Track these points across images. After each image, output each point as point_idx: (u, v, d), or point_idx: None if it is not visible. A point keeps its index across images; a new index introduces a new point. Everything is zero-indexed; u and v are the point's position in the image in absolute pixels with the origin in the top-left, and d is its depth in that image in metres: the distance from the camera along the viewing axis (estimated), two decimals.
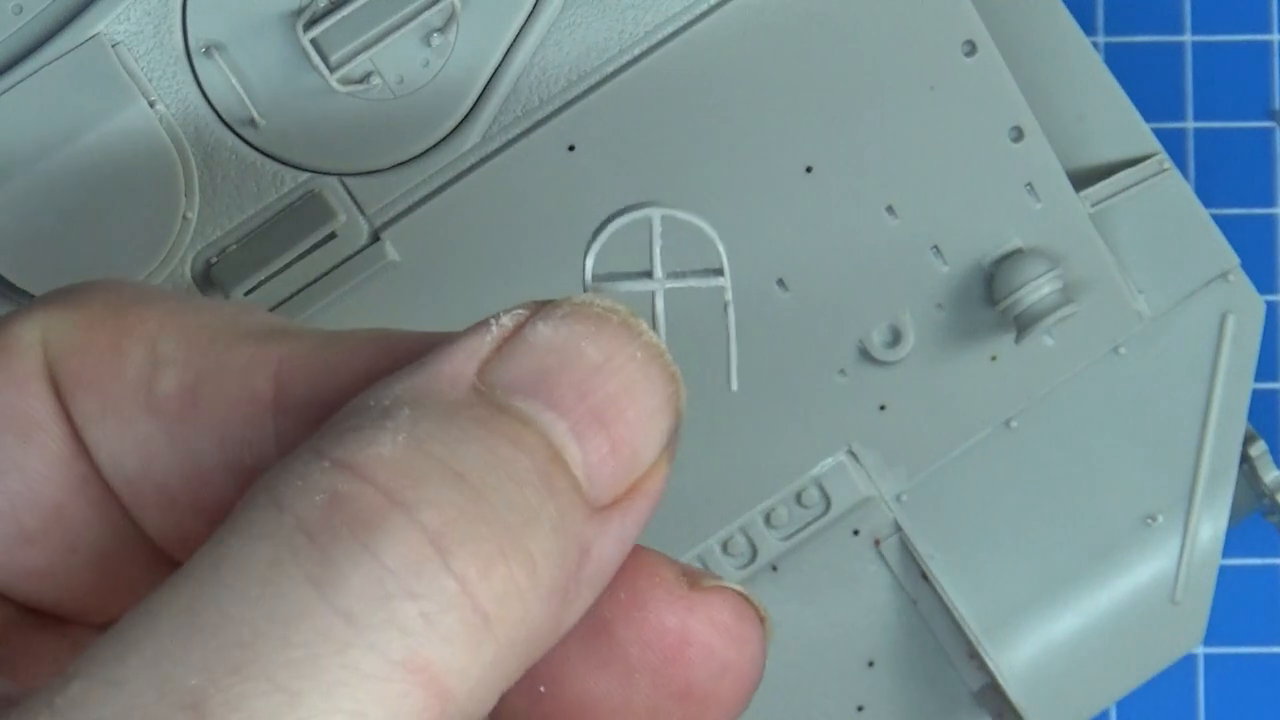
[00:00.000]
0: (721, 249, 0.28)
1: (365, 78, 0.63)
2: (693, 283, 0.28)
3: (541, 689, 0.28)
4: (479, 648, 0.23)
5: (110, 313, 0.27)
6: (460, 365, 0.25)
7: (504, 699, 0.28)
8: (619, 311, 0.26)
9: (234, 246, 0.64)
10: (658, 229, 0.28)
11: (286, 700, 0.22)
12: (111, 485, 0.27)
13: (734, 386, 0.29)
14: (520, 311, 0.26)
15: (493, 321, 0.26)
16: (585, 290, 0.27)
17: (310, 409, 0.26)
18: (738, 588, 0.28)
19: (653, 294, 0.28)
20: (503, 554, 0.24)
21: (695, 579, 0.28)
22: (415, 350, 0.26)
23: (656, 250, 0.28)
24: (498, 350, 0.26)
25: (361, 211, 0.64)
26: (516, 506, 0.24)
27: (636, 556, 0.28)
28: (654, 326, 0.28)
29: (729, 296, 0.29)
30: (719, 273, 0.28)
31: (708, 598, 0.28)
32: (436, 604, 0.23)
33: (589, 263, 0.28)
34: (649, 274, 0.28)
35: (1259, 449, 0.69)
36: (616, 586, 0.27)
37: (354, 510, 0.23)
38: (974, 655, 0.67)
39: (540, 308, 0.26)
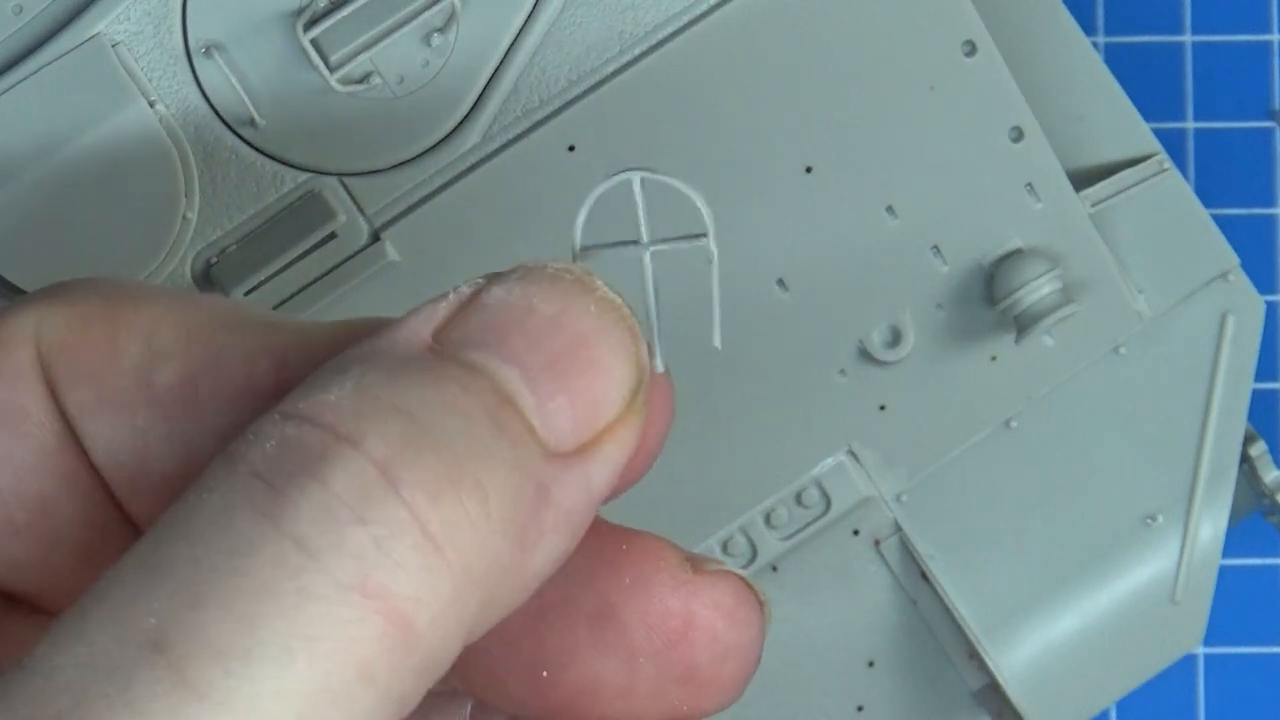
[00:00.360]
0: (705, 207, 0.28)
1: (365, 78, 0.63)
2: (679, 244, 0.29)
3: (545, 674, 0.28)
4: (435, 576, 0.23)
5: (104, 307, 0.27)
6: (415, 328, 0.26)
7: (507, 685, 0.28)
8: (573, 270, 0.26)
9: (234, 246, 0.64)
10: (639, 190, 0.28)
11: (245, 627, 0.22)
12: (106, 477, 0.27)
13: (717, 343, 0.29)
14: (479, 280, 0.27)
15: (451, 291, 0.26)
16: (575, 258, 0.28)
17: None
18: (739, 572, 0.28)
19: (642, 258, 0.29)
20: (451, 481, 0.24)
21: (698, 563, 0.28)
22: None
23: (641, 214, 0.28)
24: (453, 314, 0.26)
25: (361, 211, 0.64)
26: (464, 439, 0.24)
27: (640, 541, 0.28)
28: (646, 289, 0.28)
29: (714, 253, 0.29)
30: (703, 235, 0.29)
31: (711, 581, 0.28)
32: (387, 529, 0.23)
33: (577, 232, 0.28)
34: (636, 240, 0.28)
35: (1259, 449, 0.69)
36: (621, 570, 0.28)
37: (302, 448, 0.24)
38: (974, 655, 0.67)
39: (495, 276, 0.27)
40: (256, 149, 0.63)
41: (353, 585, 0.23)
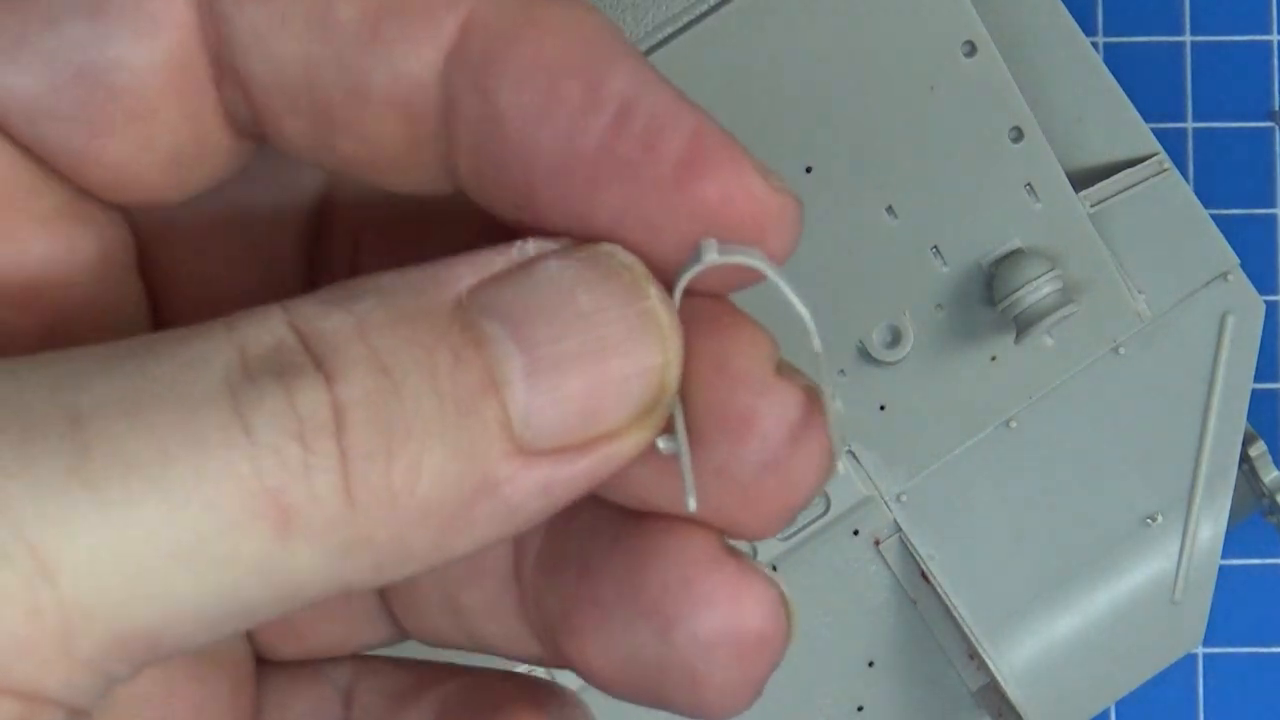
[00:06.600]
0: (810, 322, 0.28)
1: None
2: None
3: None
4: (337, 524, 0.24)
5: None
6: (459, 274, 0.26)
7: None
8: (634, 270, 0.26)
9: None
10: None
11: (160, 459, 0.23)
12: (256, 94, 0.27)
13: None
14: (550, 244, 0.26)
15: (517, 245, 0.26)
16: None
17: (482, 66, 0.26)
18: (809, 388, 0.28)
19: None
20: (389, 453, 0.24)
21: (782, 367, 0.28)
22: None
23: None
24: (503, 274, 0.26)
25: None
26: (425, 415, 0.24)
27: (738, 320, 0.28)
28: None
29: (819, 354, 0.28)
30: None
31: (787, 388, 0.27)
32: (319, 463, 0.24)
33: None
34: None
35: (1259, 449, 0.69)
36: (709, 339, 0.27)
37: (285, 359, 0.24)
38: (974, 655, 0.67)
39: (567, 245, 0.26)
40: None
41: (269, 488, 0.23)
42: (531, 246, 0.26)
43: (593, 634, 0.28)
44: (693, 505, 0.27)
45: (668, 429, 0.27)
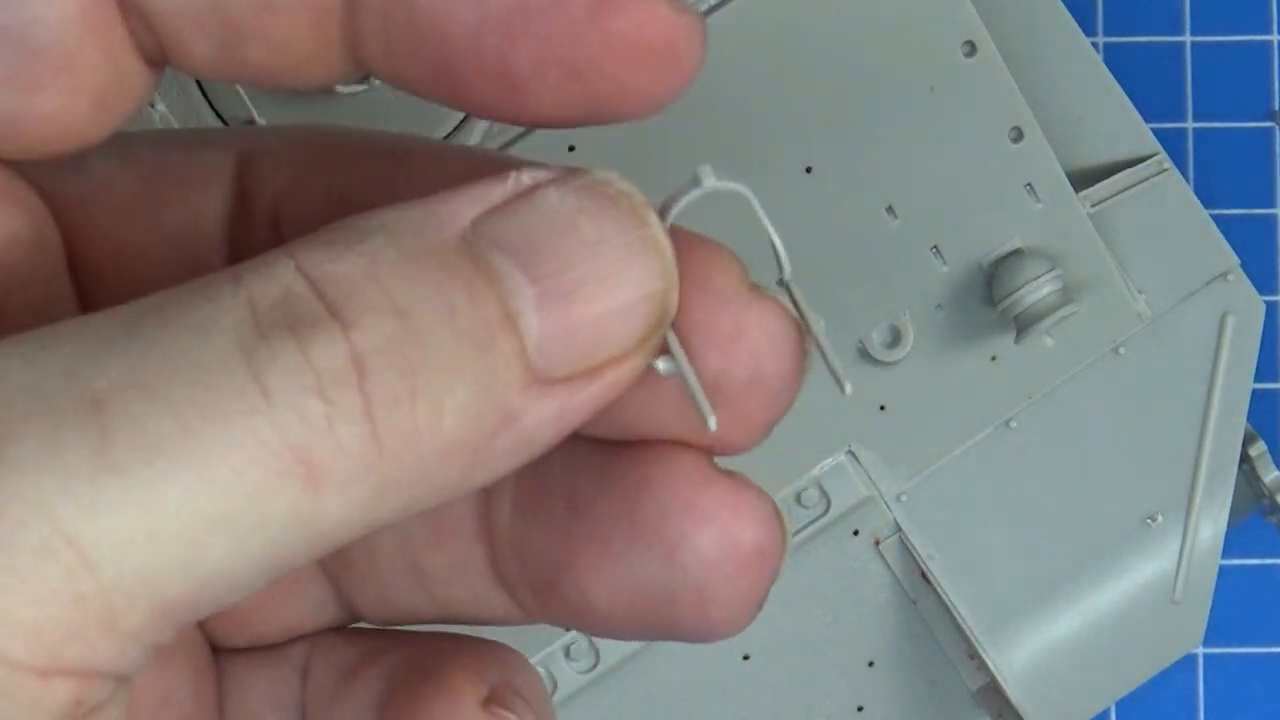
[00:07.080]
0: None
1: (366, 77, 0.63)
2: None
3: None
4: (365, 472, 0.24)
5: None
6: (460, 208, 0.26)
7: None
8: (633, 198, 0.26)
9: None
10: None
11: (181, 431, 0.23)
12: (159, 23, 0.27)
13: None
14: (543, 173, 0.26)
15: (513, 175, 0.26)
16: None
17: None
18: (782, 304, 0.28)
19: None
20: (412, 395, 0.24)
21: (756, 289, 0.28)
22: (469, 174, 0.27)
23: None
24: (503, 205, 0.26)
25: None
26: (445, 354, 0.24)
27: (706, 245, 0.28)
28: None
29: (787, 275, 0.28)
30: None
31: (765, 305, 0.28)
32: (341, 414, 0.24)
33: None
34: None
35: (1259, 449, 0.69)
36: (682, 267, 0.27)
37: (298, 309, 0.24)
38: (974, 655, 0.67)
39: (562, 174, 0.26)
40: None
41: (292, 446, 0.23)
42: (526, 176, 0.26)
43: (594, 569, 0.28)
44: (713, 424, 0.27)
45: (661, 353, 0.27)
